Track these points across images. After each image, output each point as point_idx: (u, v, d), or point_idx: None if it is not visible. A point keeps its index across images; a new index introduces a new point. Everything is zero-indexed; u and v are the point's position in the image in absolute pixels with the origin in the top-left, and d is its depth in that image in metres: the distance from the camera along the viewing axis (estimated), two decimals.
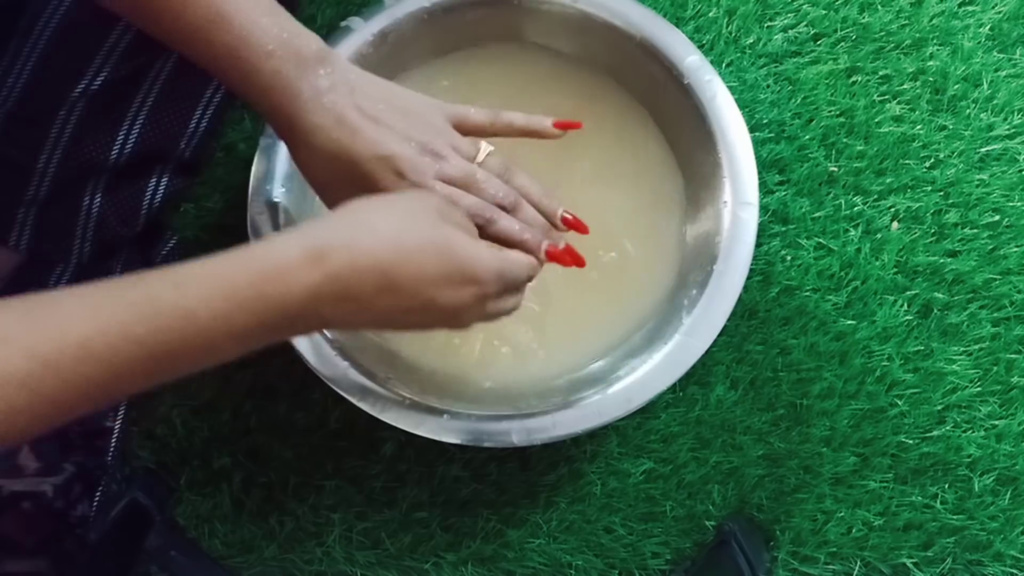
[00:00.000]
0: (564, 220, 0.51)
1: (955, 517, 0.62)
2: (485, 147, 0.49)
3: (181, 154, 0.63)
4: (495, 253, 0.44)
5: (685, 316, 0.56)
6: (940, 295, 0.66)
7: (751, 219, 0.57)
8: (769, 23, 0.72)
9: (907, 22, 0.71)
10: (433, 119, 0.48)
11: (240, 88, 0.45)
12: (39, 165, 0.55)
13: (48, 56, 0.55)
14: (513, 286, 0.46)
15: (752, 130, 0.68)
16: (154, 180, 0.62)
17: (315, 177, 0.47)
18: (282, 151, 0.59)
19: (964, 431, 0.64)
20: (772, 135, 0.69)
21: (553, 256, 0.49)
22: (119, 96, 0.58)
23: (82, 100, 0.56)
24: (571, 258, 0.50)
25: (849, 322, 0.65)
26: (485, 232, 0.47)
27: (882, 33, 0.71)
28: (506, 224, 0.48)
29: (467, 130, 0.50)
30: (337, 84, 0.45)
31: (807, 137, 0.69)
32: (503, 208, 0.48)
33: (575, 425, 0.54)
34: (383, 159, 0.45)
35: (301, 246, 0.38)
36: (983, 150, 0.69)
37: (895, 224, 0.67)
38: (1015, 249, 0.67)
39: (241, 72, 0.44)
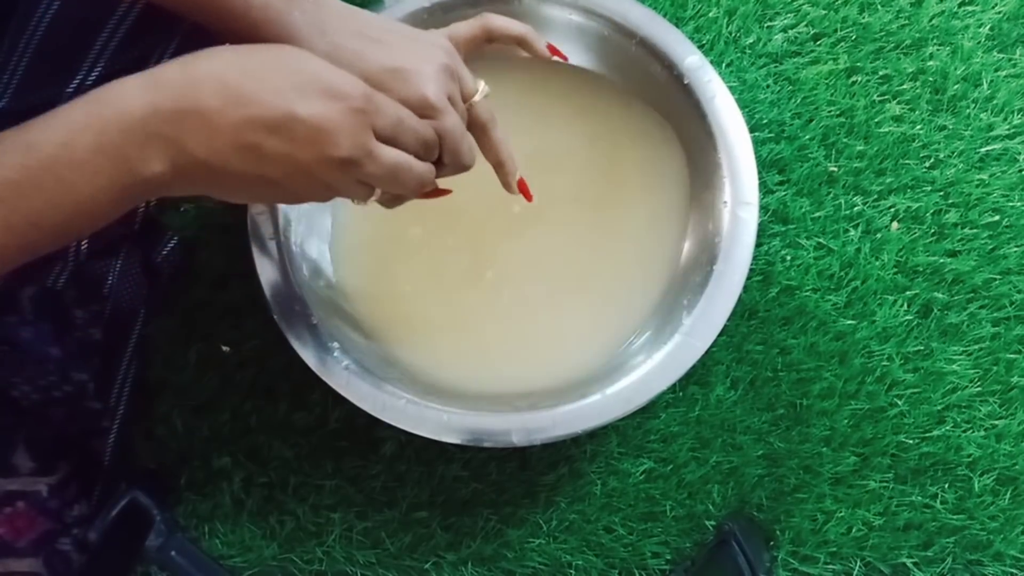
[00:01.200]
0: (519, 183, 0.53)
1: (955, 517, 0.62)
2: (483, 88, 0.49)
3: None
4: (360, 81, 0.41)
5: (685, 316, 0.56)
6: (940, 295, 0.66)
7: (751, 219, 0.57)
8: (769, 23, 0.72)
9: (907, 22, 0.71)
10: (435, 40, 0.47)
11: (229, 27, 0.44)
12: None
13: (43, 52, 0.55)
14: (392, 123, 0.42)
15: (752, 130, 0.68)
16: None
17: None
18: None
19: (964, 431, 0.64)
20: (772, 135, 0.69)
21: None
22: None
23: (77, 95, 0.56)
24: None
25: (849, 322, 0.65)
26: (394, 138, 0.44)
27: (882, 33, 0.71)
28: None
29: (463, 46, 0.50)
30: (332, 13, 0.44)
31: (807, 137, 0.69)
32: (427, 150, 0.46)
33: (575, 425, 0.54)
34: (394, 71, 0.44)
35: (137, 75, 0.37)
36: (983, 150, 0.69)
37: (895, 224, 0.67)
38: (1015, 249, 0.67)
39: (231, 13, 0.42)
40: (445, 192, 0.49)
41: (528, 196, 0.54)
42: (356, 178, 0.42)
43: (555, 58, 0.57)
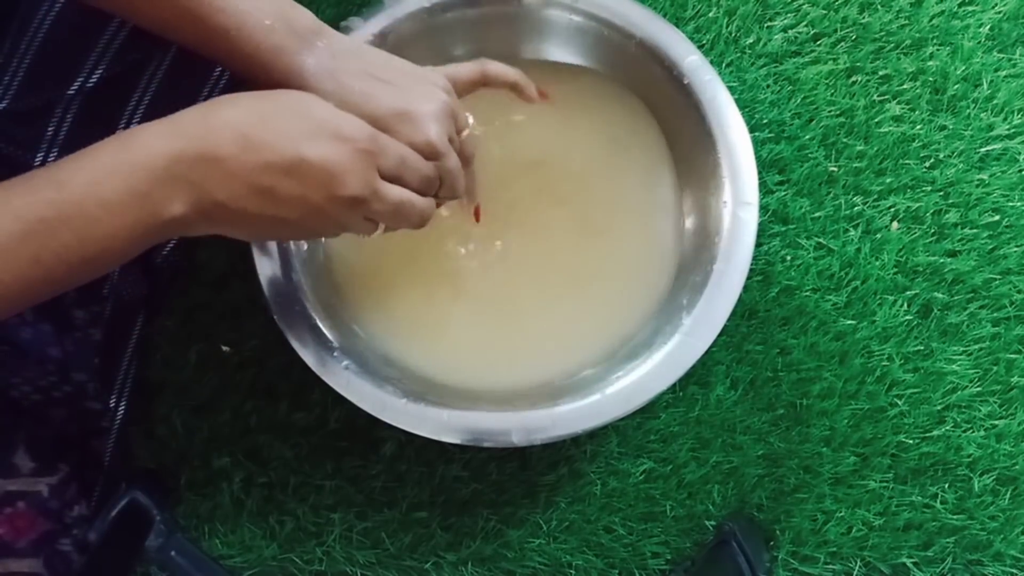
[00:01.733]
0: (475, 208, 0.58)
1: (955, 517, 0.62)
2: (471, 123, 0.52)
3: None
4: (365, 123, 0.44)
5: (685, 316, 0.56)
6: (940, 295, 0.66)
7: (751, 219, 0.57)
8: (769, 23, 0.72)
9: (907, 22, 0.71)
10: (437, 80, 0.49)
11: (240, 68, 0.45)
12: (36, 163, 0.55)
13: (44, 54, 0.55)
14: (396, 163, 0.44)
15: (752, 130, 0.68)
16: None
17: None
18: None
19: (964, 431, 0.64)
20: (772, 135, 0.69)
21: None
22: (116, 95, 0.58)
23: (78, 98, 0.56)
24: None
25: (849, 322, 0.65)
26: (398, 176, 0.46)
27: (882, 33, 0.71)
28: (413, 178, 0.47)
29: (460, 88, 0.51)
30: (338, 53, 0.46)
31: (807, 137, 0.69)
32: (429, 186, 0.48)
33: (575, 425, 0.54)
34: (400, 114, 0.46)
35: (161, 120, 0.40)
36: (983, 150, 0.69)
37: (895, 224, 0.67)
38: (1015, 249, 0.67)
39: (242, 52, 0.44)
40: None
41: (477, 219, 0.59)
42: (363, 215, 0.44)
43: (543, 101, 0.59)
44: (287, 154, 0.40)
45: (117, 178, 0.38)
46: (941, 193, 0.68)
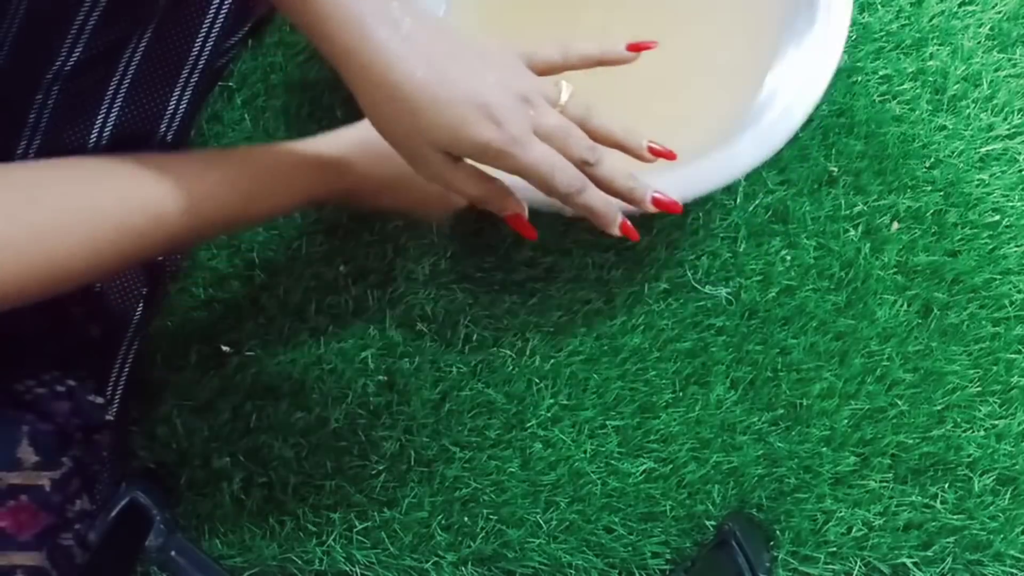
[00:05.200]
0: (651, 150, 0.49)
1: (955, 517, 0.62)
2: (566, 88, 0.46)
3: (162, 138, 0.63)
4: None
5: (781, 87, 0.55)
6: (940, 295, 0.66)
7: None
8: None
9: (907, 22, 0.71)
10: (513, 61, 0.45)
11: (307, 30, 0.42)
12: (19, 151, 0.55)
13: (20, 40, 0.55)
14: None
15: None
16: None
17: (386, 122, 0.44)
18: None
19: (964, 431, 0.64)
20: None
21: (625, 231, 0.48)
22: (95, 79, 0.58)
23: (57, 83, 0.56)
24: (634, 233, 0.49)
25: (849, 322, 0.65)
26: (571, 200, 0.46)
27: (882, 33, 0.71)
28: (592, 196, 0.46)
29: (538, 70, 0.48)
30: (415, 21, 0.42)
31: (807, 137, 0.69)
32: (587, 165, 0.46)
33: (684, 190, 0.51)
34: (480, 106, 0.42)
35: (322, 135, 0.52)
36: (983, 150, 0.69)
37: (895, 224, 0.67)
38: (1015, 249, 0.67)
39: (313, 12, 0.41)
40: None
41: (670, 156, 0.50)
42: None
43: (642, 50, 0.54)
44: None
45: (293, 156, 0.49)
46: (941, 193, 0.68)
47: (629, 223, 0.48)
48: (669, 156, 0.49)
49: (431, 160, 0.43)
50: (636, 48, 0.50)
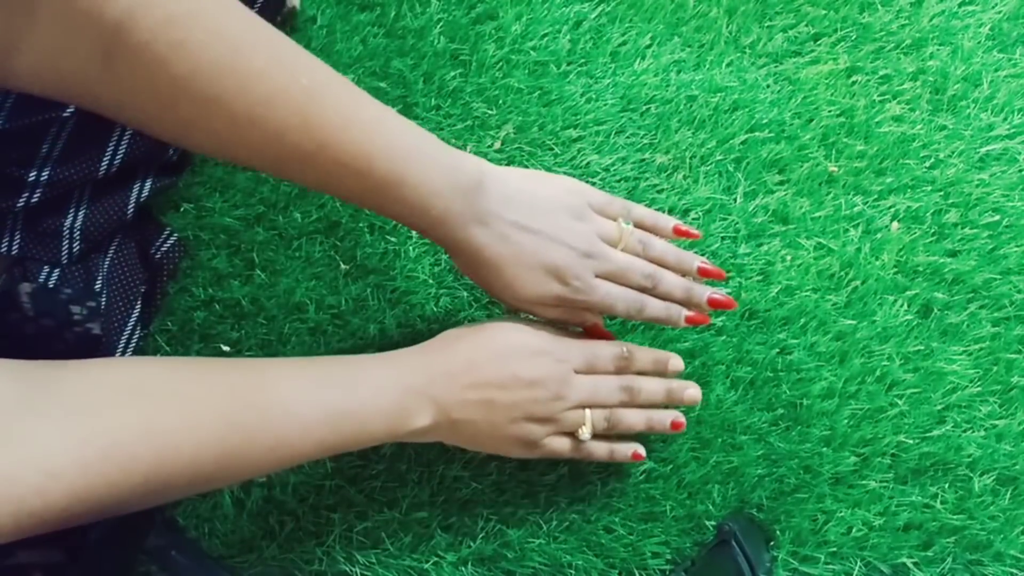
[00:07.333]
0: (701, 271, 0.58)
1: (955, 517, 0.62)
2: (625, 229, 0.55)
3: (169, 159, 0.63)
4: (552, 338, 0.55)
5: None
6: (940, 295, 0.66)
7: None
8: (769, 23, 0.72)
9: (907, 22, 0.71)
10: (580, 211, 0.53)
11: (403, 221, 0.50)
12: (30, 179, 0.55)
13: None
14: (582, 361, 0.54)
15: (752, 130, 0.68)
16: (138, 183, 0.62)
17: (484, 280, 0.53)
18: None
19: (964, 431, 0.64)
20: (772, 135, 0.69)
21: (692, 321, 0.57)
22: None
23: (73, 118, 0.56)
24: (703, 318, 0.58)
25: (849, 322, 0.65)
26: (635, 319, 0.56)
27: (882, 33, 0.71)
28: (653, 308, 0.55)
29: (603, 214, 0.55)
30: (494, 203, 0.50)
31: (807, 137, 0.69)
32: (646, 289, 0.55)
33: None
34: (549, 269, 0.52)
35: (404, 352, 0.53)
36: (983, 150, 0.69)
37: (895, 224, 0.67)
38: (1015, 249, 0.67)
39: (411, 217, 0.49)
40: (703, 319, 0.59)
41: (719, 275, 0.59)
42: (562, 407, 0.54)
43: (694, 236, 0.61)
44: (503, 372, 0.51)
45: (389, 393, 0.49)
46: (941, 193, 0.68)
47: (694, 314, 0.57)
48: (718, 276, 0.58)
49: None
50: (681, 233, 0.58)
